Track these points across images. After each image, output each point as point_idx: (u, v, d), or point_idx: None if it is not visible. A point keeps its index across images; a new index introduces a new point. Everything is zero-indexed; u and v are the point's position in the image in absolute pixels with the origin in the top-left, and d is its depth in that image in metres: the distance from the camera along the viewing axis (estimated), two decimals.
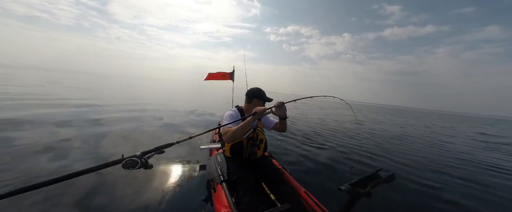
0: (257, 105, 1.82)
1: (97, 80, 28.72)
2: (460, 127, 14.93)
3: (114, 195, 2.02)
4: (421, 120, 18.50)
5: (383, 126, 10.18)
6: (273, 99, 1.89)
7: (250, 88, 1.89)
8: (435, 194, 2.86)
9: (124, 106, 7.62)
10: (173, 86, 33.93)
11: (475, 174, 3.91)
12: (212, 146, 2.67)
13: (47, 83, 15.31)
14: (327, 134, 6.38)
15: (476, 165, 4.56)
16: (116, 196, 2.01)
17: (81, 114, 5.42)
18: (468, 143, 7.58)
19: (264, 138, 1.91)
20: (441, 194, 2.89)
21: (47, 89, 11.12)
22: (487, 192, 3.12)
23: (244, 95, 1.93)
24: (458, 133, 10.93)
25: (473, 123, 23.13)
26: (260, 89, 1.85)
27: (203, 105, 11.03)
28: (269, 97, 1.87)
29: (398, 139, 6.86)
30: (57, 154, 2.81)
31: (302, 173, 3.05)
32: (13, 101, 6.31)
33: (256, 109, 1.52)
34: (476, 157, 5.36)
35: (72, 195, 1.94)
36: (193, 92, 23.65)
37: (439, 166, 4.23)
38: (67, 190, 1.98)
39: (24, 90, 9.32)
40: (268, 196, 1.55)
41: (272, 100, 1.86)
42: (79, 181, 2.12)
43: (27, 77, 19.72)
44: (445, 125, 15.85)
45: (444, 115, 59.88)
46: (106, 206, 1.86)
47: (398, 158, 4.46)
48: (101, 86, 18.02)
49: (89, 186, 2.09)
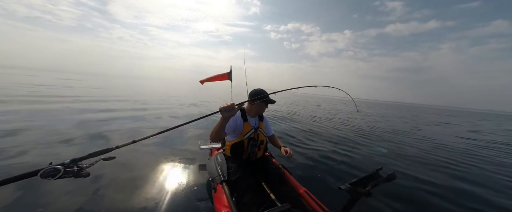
0: (259, 106, 1.82)
1: (124, 82, 28.69)
2: (464, 124, 14.90)
3: (115, 195, 2.02)
4: (423, 117, 18.44)
5: (385, 124, 10.16)
6: (276, 101, 1.89)
7: (253, 89, 1.88)
8: (437, 193, 2.85)
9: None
10: (177, 85, 33.95)
11: (478, 171, 3.91)
12: (212, 146, 2.68)
13: (67, 84, 15.37)
14: (327, 134, 6.37)
15: (479, 163, 4.56)
16: (116, 196, 2.01)
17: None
18: (470, 142, 7.57)
19: (265, 140, 1.91)
20: (443, 193, 2.89)
21: (77, 90, 11.20)
22: (487, 192, 3.12)
23: (247, 95, 1.93)
24: (462, 129, 10.92)
25: (478, 119, 22.92)
26: (263, 90, 1.85)
27: (203, 104, 11.04)
28: (272, 99, 1.85)
29: (400, 137, 6.85)
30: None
31: (302, 172, 3.05)
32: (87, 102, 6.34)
33: (221, 106, 1.32)
34: (478, 154, 5.35)
35: (73, 195, 1.94)
36: (199, 89, 23.48)
37: (441, 165, 4.23)
38: (70, 190, 1.98)
39: (70, 92, 9.54)
40: (268, 195, 1.55)
41: (274, 102, 1.86)
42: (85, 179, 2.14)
43: (46, 79, 19.81)
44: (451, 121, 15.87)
45: (452, 111, 58.75)
46: (106, 206, 1.86)
47: (399, 157, 4.45)
48: (126, 89, 17.53)
49: (89, 186, 2.09)
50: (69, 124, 4.39)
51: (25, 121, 4.33)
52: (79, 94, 10.05)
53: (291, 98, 24.66)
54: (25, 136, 3.45)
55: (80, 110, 6.19)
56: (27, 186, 1.98)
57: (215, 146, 2.65)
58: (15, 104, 6.06)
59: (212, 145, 2.73)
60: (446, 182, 3.29)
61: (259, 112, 1.88)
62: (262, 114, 1.96)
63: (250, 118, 1.84)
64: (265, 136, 1.94)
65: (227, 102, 1.33)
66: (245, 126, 1.77)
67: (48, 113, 5.33)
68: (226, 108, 1.29)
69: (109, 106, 7.30)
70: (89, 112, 6.02)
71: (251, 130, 1.78)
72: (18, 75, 22.62)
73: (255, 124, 1.85)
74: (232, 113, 1.34)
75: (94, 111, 6.24)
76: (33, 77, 20.33)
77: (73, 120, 4.82)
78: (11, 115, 4.72)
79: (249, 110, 1.86)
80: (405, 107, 54.35)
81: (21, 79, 16.76)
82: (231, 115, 1.36)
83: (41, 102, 6.82)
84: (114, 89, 16.12)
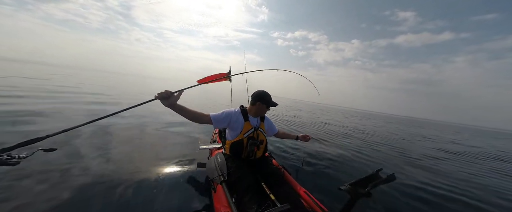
0: (260, 108, 1.83)
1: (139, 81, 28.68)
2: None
3: (114, 194, 2.02)
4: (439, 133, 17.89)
5: (391, 135, 10.17)
6: (278, 103, 1.89)
7: (257, 91, 1.89)
8: (436, 195, 2.86)
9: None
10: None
11: (478, 179, 3.91)
12: (212, 146, 2.68)
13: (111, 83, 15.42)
14: (327, 135, 6.38)
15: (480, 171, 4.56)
16: (116, 195, 2.01)
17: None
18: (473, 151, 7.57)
19: (265, 140, 1.92)
20: (442, 194, 2.89)
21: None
22: (487, 193, 3.12)
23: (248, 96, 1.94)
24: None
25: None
26: (266, 92, 1.85)
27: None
28: (274, 102, 1.86)
29: (404, 144, 6.86)
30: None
31: (302, 173, 3.05)
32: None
33: (157, 94, 1.37)
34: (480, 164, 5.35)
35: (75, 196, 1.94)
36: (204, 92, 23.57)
37: (441, 168, 4.23)
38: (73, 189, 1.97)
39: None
40: (268, 196, 1.55)
41: (277, 105, 1.86)
42: (76, 179, 2.13)
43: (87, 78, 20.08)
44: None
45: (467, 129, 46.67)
46: (105, 206, 1.86)
47: (399, 159, 4.46)
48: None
49: (89, 186, 2.09)
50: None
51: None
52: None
53: (302, 108, 24.21)
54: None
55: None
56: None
57: (215, 146, 2.65)
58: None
59: (212, 145, 2.73)
60: (446, 184, 3.29)
61: (259, 114, 1.89)
62: (263, 115, 1.97)
63: (251, 117, 1.86)
64: (266, 136, 1.95)
65: (166, 90, 1.39)
66: (246, 125, 1.79)
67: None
68: (163, 95, 1.37)
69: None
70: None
71: (251, 129, 1.79)
72: (66, 74, 23.11)
73: (255, 123, 1.86)
74: (170, 101, 1.41)
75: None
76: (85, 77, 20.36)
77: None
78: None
79: (250, 111, 1.88)
80: (417, 122, 44.99)
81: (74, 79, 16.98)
82: (169, 103, 1.41)
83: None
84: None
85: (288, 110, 16.53)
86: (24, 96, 6.09)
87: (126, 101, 8.54)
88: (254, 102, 1.84)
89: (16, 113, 4.15)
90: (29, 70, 22.45)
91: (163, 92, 1.38)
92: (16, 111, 4.34)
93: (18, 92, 6.72)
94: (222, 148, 2.34)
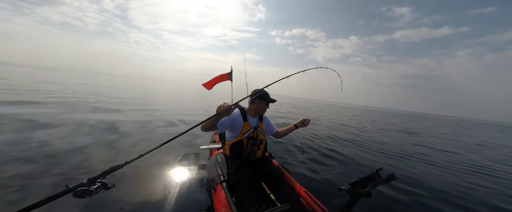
0: (260, 105, 1.84)
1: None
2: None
3: (113, 194, 2.02)
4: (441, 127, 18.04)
5: (389, 131, 10.17)
6: (276, 100, 1.89)
7: (255, 89, 1.89)
8: (436, 195, 2.85)
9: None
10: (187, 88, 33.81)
11: (477, 176, 3.91)
12: (212, 146, 2.67)
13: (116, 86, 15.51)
14: (326, 135, 6.38)
15: (478, 168, 4.56)
16: (115, 196, 2.01)
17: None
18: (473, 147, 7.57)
19: (265, 139, 1.92)
20: (442, 194, 2.89)
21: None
22: (487, 193, 3.12)
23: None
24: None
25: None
26: (263, 90, 1.86)
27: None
28: (273, 99, 1.88)
29: (403, 141, 6.86)
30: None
31: (302, 172, 3.05)
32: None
33: (219, 107, 1.37)
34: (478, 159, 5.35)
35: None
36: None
37: (441, 167, 4.23)
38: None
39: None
40: (268, 196, 1.55)
41: (275, 101, 1.87)
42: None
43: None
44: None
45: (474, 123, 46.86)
46: (105, 206, 1.86)
47: (399, 158, 4.46)
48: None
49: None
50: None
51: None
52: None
53: (311, 108, 23.94)
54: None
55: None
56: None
57: (215, 146, 2.65)
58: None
59: (212, 145, 2.73)
60: (446, 184, 3.29)
61: (260, 112, 1.90)
62: (262, 114, 1.97)
63: (250, 118, 1.86)
64: (266, 135, 1.95)
65: (225, 103, 1.38)
66: (245, 126, 1.79)
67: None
68: (223, 110, 1.36)
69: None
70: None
71: (250, 130, 1.79)
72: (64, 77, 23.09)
73: (254, 123, 1.86)
74: (227, 114, 1.41)
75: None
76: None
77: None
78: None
79: (250, 110, 1.89)
80: (421, 117, 45.37)
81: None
82: (227, 115, 1.43)
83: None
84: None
85: (288, 108, 16.51)
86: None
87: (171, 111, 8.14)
88: (254, 101, 1.85)
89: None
90: (40, 74, 22.39)
91: (226, 107, 1.35)
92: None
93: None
94: (222, 148, 2.34)
